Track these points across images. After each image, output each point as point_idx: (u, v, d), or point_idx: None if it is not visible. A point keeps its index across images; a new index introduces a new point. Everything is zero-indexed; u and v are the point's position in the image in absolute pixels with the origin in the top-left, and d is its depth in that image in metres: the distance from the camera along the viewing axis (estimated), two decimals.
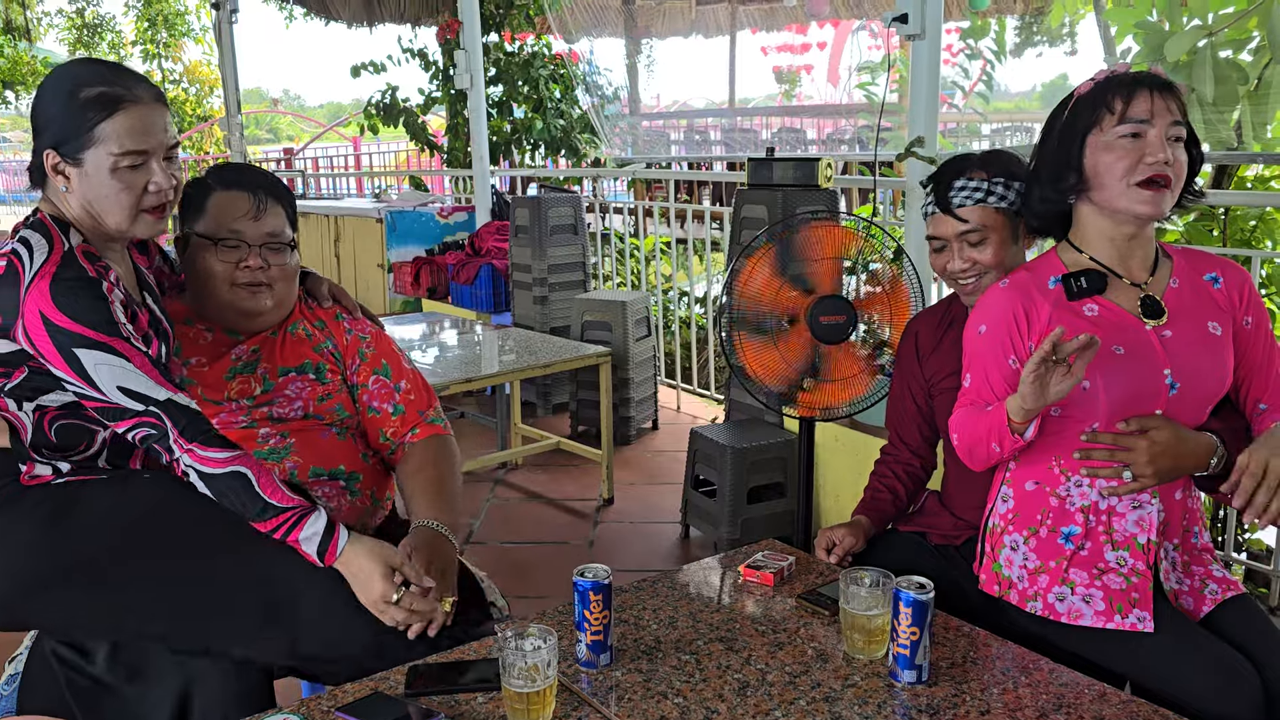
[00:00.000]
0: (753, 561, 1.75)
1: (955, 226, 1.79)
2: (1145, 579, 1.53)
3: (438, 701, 1.35)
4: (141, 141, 1.51)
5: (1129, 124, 1.50)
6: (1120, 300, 1.58)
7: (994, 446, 1.56)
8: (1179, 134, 1.51)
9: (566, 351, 3.77)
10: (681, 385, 5.34)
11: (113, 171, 1.49)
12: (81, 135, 1.48)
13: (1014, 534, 1.62)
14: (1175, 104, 1.51)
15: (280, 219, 1.79)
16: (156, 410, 1.48)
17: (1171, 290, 1.60)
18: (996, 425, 1.54)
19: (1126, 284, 1.59)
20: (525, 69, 7.56)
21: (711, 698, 1.35)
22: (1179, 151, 1.51)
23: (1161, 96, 1.50)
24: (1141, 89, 1.50)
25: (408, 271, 5.97)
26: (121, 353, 1.47)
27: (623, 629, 1.55)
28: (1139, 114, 1.50)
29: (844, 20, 13.12)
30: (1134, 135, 1.49)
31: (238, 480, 1.49)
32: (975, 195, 1.77)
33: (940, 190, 1.80)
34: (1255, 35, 3.25)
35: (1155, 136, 1.49)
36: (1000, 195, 1.77)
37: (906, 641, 1.36)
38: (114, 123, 1.48)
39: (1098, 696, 1.35)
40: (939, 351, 1.89)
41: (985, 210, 1.77)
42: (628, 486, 4.04)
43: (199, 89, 16.64)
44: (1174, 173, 1.50)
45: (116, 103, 1.49)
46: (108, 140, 1.48)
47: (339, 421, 1.80)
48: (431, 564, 1.60)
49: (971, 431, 1.61)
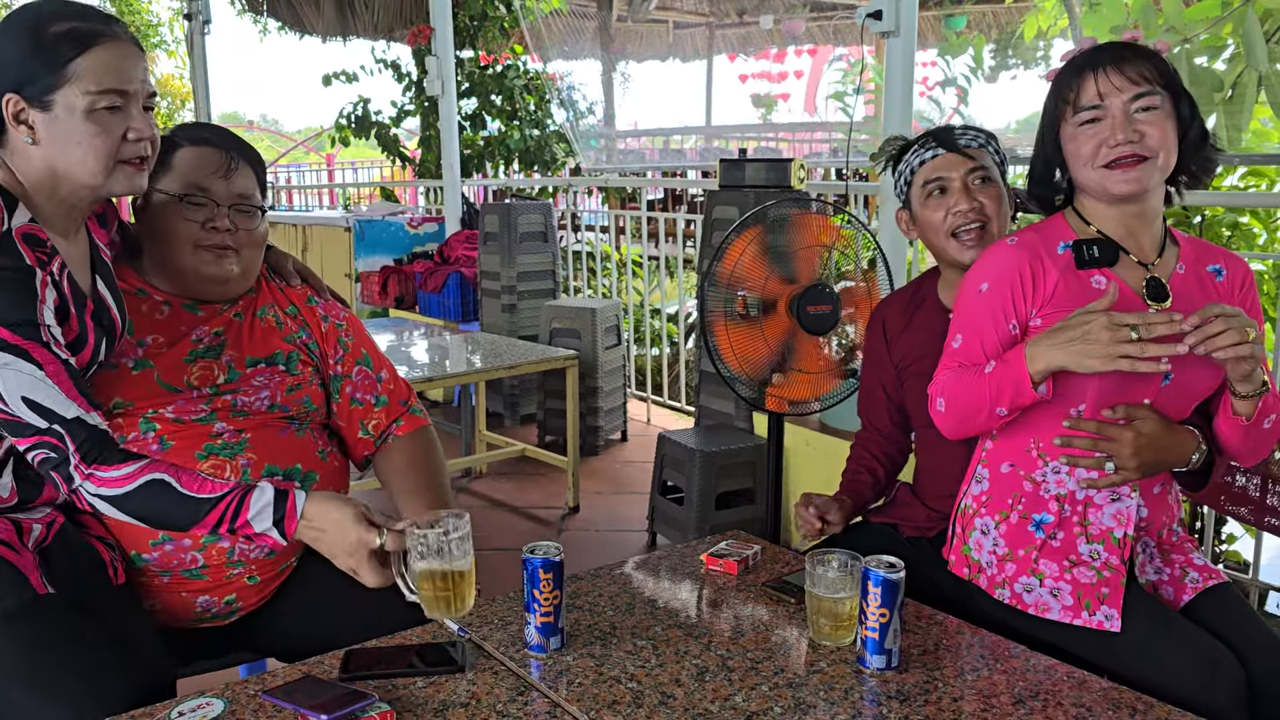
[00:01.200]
0: (716, 550, 1.67)
1: (964, 164, 1.74)
2: (1118, 574, 1.45)
3: (373, 685, 1.25)
4: (121, 80, 1.36)
5: (1083, 111, 1.45)
6: (1127, 277, 1.50)
7: (999, 409, 1.47)
8: (1146, 104, 1.43)
9: (533, 354, 3.69)
10: (652, 398, 5.26)
11: (88, 113, 1.34)
12: (51, 74, 1.32)
13: (985, 517, 1.55)
14: (1138, 72, 1.43)
15: (251, 181, 1.66)
16: (60, 430, 1.33)
17: (1177, 275, 1.52)
18: (1008, 382, 1.43)
19: (1134, 261, 1.51)
20: (499, 80, 7.50)
21: (668, 683, 1.26)
22: (1151, 122, 1.43)
23: (1116, 71, 1.43)
24: (1088, 72, 1.44)
25: (375, 281, 5.87)
26: (36, 359, 1.32)
27: (577, 615, 1.46)
28: (1089, 100, 1.45)
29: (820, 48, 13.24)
30: (1093, 120, 1.45)
31: (155, 489, 1.36)
32: (979, 139, 1.77)
33: (945, 134, 1.77)
34: (1230, 44, 3.25)
35: (1114, 116, 1.43)
36: (995, 148, 1.78)
37: (875, 624, 1.28)
38: (90, 58, 1.33)
39: (1077, 684, 1.27)
40: (909, 331, 1.82)
41: (986, 154, 1.77)
42: (594, 495, 3.95)
43: (171, 102, 16.46)
44: (1146, 148, 1.43)
45: (93, 38, 1.34)
46: (83, 78, 1.33)
47: (303, 414, 1.69)
48: None
49: (966, 394, 1.50)
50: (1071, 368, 1.38)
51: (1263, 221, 3.38)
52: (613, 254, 5.59)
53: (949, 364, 1.57)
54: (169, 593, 1.58)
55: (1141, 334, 1.33)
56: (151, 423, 1.56)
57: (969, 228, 1.73)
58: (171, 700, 1.23)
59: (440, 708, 1.21)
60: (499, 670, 1.30)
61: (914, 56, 3.05)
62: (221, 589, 1.59)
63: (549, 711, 1.21)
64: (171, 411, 1.57)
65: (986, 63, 7.04)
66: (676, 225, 5.11)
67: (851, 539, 1.79)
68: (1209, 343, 1.34)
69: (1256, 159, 3.09)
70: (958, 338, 1.57)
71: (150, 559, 1.55)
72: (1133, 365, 1.33)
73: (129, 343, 1.58)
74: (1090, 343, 1.35)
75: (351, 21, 9.33)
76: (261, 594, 1.64)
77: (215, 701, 1.22)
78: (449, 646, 1.35)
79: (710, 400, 3.67)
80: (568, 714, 1.20)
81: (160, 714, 1.19)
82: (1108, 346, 1.33)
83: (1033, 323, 1.51)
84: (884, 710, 1.21)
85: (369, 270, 6.01)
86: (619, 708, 1.20)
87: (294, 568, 1.68)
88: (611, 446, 4.64)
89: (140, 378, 1.57)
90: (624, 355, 4.77)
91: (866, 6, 2.92)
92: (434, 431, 1.85)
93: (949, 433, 1.57)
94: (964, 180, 1.73)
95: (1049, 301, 1.49)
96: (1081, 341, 1.36)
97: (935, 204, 1.76)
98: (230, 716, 1.19)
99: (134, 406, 1.56)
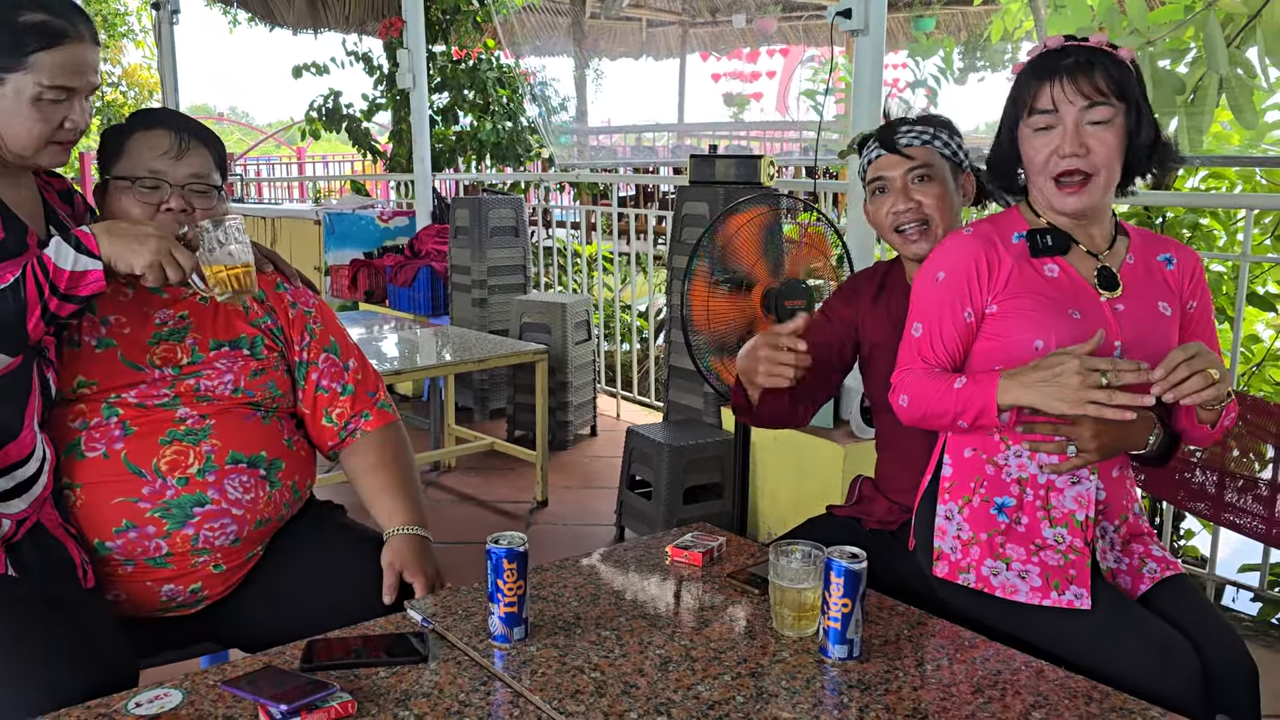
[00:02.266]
0: (681, 542, 1.67)
1: (902, 164, 1.77)
2: (1083, 556, 1.48)
3: (335, 676, 1.25)
4: (73, 79, 1.44)
5: (1038, 116, 1.48)
6: (1079, 266, 1.55)
7: (960, 423, 1.50)
8: (1097, 118, 1.45)
9: (503, 349, 3.68)
10: (622, 393, 5.27)
11: (35, 101, 1.41)
12: (11, 59, 1.40)
13: (949, 503, 1.57)
14: (1093, 85, 1.44)
15: (206, 161, 1.64)
16: None
17: (1127, 265, 1.58)
18: (974, 405, 1.47)
19: (1084, 251, 1.57)
20: (471, 74, 7.46)
21: (631, 672, 1.27)
22: (1098, 137, 1.46)
23: (1071, 81, 1.44)
24: (1045, 79, 1.46)
25: (345, 274, 5.83)
26: None
27: (541, 605, 1.46)
28: (1043, 106, 1.47)
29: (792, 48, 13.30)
30: (1045, 126, 1.48)
31: None
32: (922, 136, 1.77)
33: (885, 134, 1.79)
34: (1192, 47, 3.30)
35: (1066, 127, 1.46)
36: (944, 142, 1.77)
37: (838, 614, 1.29)
38: (51, 55, 1.41)
39: (1034, 673, 1.29)
40: (875, 312, 1.83)
41: (931, 151, 1.77)
42: (563, 490, 3.94)
43: (138, 93, 16.23)
44: (1090, 163, 1.46)
45: (60, 36, 1.41)
46: (40, 71, 1.40)
47: (268, 399, 1.67)
48: (424, 571, 1.62)
49: (932, 402, 1.53)
50: (1040, 408, 1.41)
51: (1223, 223, 3.44)
52: (584, 250, 5.59)
53: (911, 357, 1.60)
54: (133, 582, 1.56)
55: (1110, 380, 1.35)
56: (114, 408, 1.54)
57: (908, 226, 1.77)
58: (129, 691, 1.22)
59: (403, 698, 1.20)
60: (462, 660, 1.30)
61: (883, 55, 3.07)
62: (186, 578, 1.58)
63: (512, 701, 1.21)
64: (134, 396, 1.56)
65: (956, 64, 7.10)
66: (647, 222, 5.11)
67: (814, 531, 1.81)
68: (1176, 390, 1.37)
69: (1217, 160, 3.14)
70: (917, 326, 1.60)
71: (114, 547, 1.53)
72: (1099, 411, 1.36)
73: (91, 320, 1.57)
74: (1061, 386, 1.38)
75: (323, 14, 9.25)
76: (227, 583, 1.63)
77: (173, 692, 1.21)
78: (412, 637, 1.34)
79: (679, 395, 3.68)
80: (530, 704, 1.20)
81: (117, 704, 1.18)
82: (1078, 391, 1.36)
83: (989, 310, 1.55)
84: (844, 699, 1.22)
85: (339, 264, 5.96)
86: (582, 697, 1.20)
87: (260, 557, 1.67)
88: (581, 441, 4.64)
89: (103, 356, 1.56)
90: (594, 351, 4.77)
91: (836, 5, 2.93)
92: (403, 427, 1.85)
93: (908, 424, 1.60)
94: (903, 180, 1.77)
95: (1004, 289, 1.53)
96: (1053, 384, 1.39)
97: (878, 202, 1.81)
98: (189, 707, 1.18)
99: (98, 387, 1.55)
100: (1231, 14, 3.28)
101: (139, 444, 1.54)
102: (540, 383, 3.71)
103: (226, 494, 1.58)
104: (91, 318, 1.57)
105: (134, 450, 1.54)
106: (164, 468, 1.55)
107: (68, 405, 1.55)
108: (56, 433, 1.53)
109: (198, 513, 1.55)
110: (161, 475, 1.54)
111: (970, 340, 1.57)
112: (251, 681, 1.21)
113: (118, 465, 1.53)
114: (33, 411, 1.46)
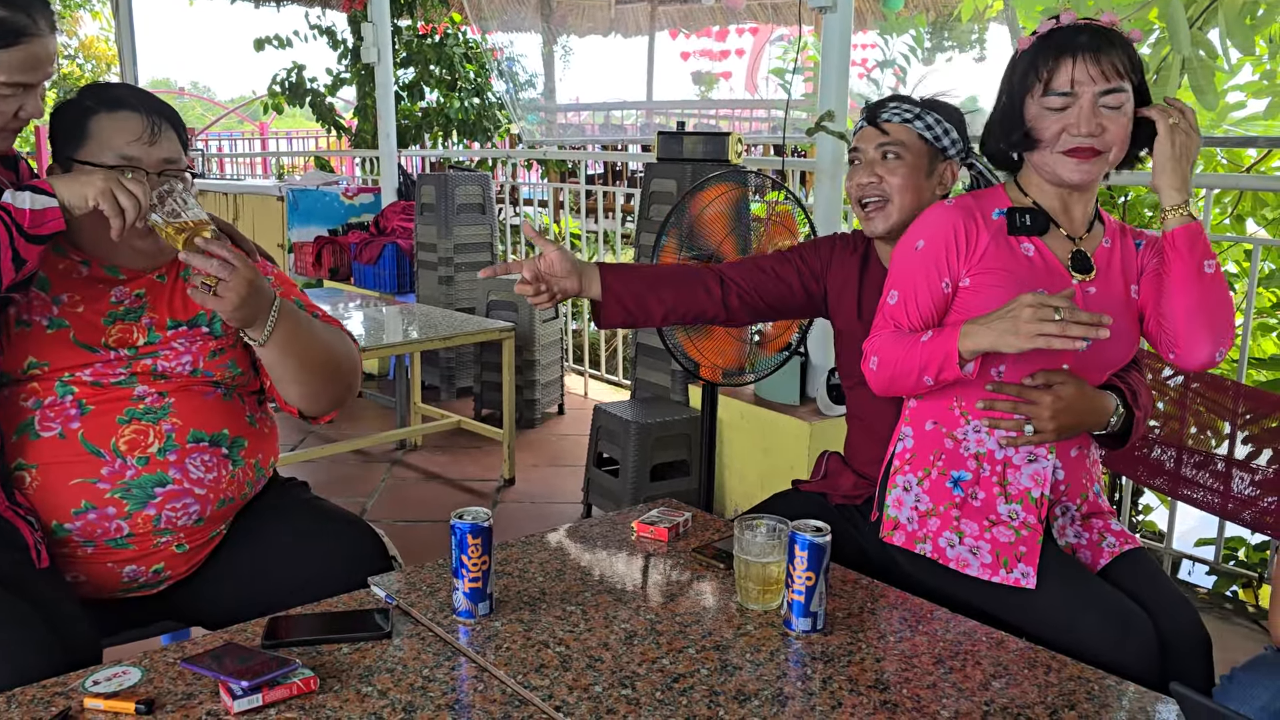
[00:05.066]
0: (647, 517, 1.68)
1: (877, 138, 1.77)
2: (1035, 533, 1.50)
3: (297, 653, 1.24)
4: (30, 75, 1.44)
5: (1053, 95, 1.48)
6: (1054, 248, 1.57)
7: (925, 379, 1.50)
8: (1111, 102, 1.46)
9: (469, 326, 3.66)
10: (590, 371, 5.26)
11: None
12: None
13: (908, 474, 1.58)
14: (1111, 66, 1.46)
15: (175, 143, 1.61)
16: None
17: (1103, 249, 1.59)
18: (937, 355, 1.47)
19: (1063, 234, 1.58)
20: (438, 49, 7.38)
21: (596, 646, 1.27)
22: (1112, 119, 1.47)
23: (1093, 61, 1.45)
24: (1066, 58, 1.47)
25: (309, 251, 5.76)
26: None
27: (506, 581, 1.45)
28: (1061, 86, 1.47)
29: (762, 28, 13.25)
30: (1061, 107, 1.48)
31: None
32: (905, 114, 1.77)
33: (873, 107, 1.79)
34: (1155, 28, 3.32)
35: (1082, 107, 1.46)
36: (928, 125, 1.76)
37: (802, 587, 1.30)
38: (9, 54, 1.40)
39: (995, 644, 1.31)
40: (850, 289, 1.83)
41: (909, 131, 1.76)
42: (530, 468, 3.94)
43: (95, 66, 15.90)
44: (1104, 142, 1.47)
45: (17, 35, 1.40)
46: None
47: (228, 379, 1.64)
48: None
49: (899, 360, 1.53)
50: (997, 348, 1.42)
51: None
52: (552, 227, 5.56)
53: (885, 323, 1.60)
54: (94, 563, 1.54)
55: (1065, 316, 1.36)
56: (69, 386, 1.51)
57: (868, 200, 1.77)
58: (86, 669, 1.20)
59: (366, 674, 1.20)
60: (426, 636, 1.29)
61: (850, 33, 3.07)
62: (149, 558, 1.56)
63: (476, 676, 1.20)
64: (89, 374, 1.53)
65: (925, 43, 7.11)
66: (616, 200, 5.09)
67: (780, 506, 1.81)
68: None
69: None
70: (893, 294, 1.60)
71: (73, 529, 1.50)
72: (1048, 343, 1.37)
73: (43, 299, 1.53)
74: (1014, 320, 1.39)
75: None
76: (190, 562, 1.61)
77: (132, 670, 1.19)
78: (375, 613, 1.33)
79: (646, 373, 3.68)
80: (495, 678, 1.20)
81: (74, 683, 1.16)
82: (1028, 324, 1.37)
83: (962, 283, 1.55)
84: (808, 671, 1.23)
85: (303, 241, 5.89)
86: (546, 671, 1.20)
87: (224, 536, 1.65)
88: (548, 420, 4.63)
89: (55, 337, 1.53)
90: (562, 329, 4.75)
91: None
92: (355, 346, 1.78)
93: (878, 390, 1.60)
94: (875, 154, 1.77)
95: (979, 263, 1.54)
96: (1007, 319, 1.40)
97: (850, 172, 1.83)
98: (147, 685, 1.16)
99: (49, 368, 1.51)
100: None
101: (96, 423, 1.51)
102: (507, 361, 3.70)
103: (188, 473, 1.56)
104: (43, 296, 1.53)
105: (91, 430, 1.51)
106: (123, 447, 1.52)
107: (19, 384, 1.52)
108: (6, 412, 1.50)
109: (159, 493, 1.53)
110: (121, 455, 1.52)
111: (945, 310, 1.57)
112: (213, 658, 1.20)
113: (74, 445, 1.50)
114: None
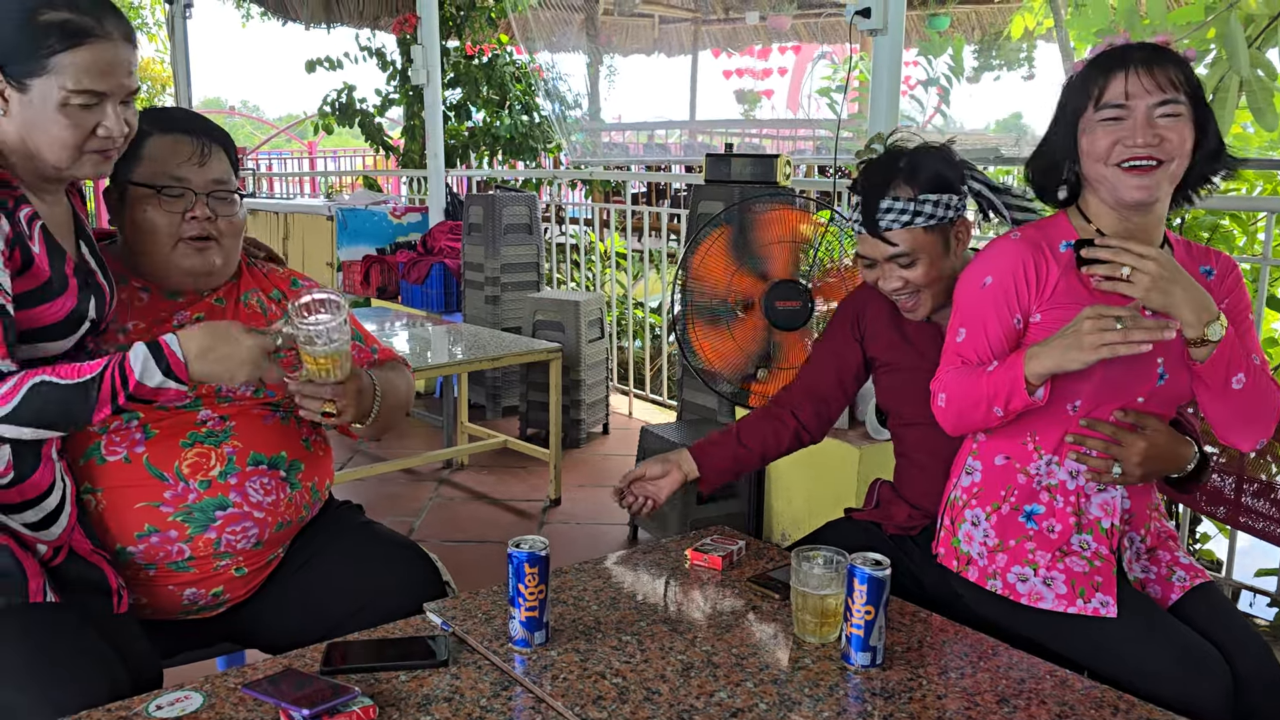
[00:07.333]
0: (700, 545, 1.67)
1: (884, 250, 1.69)
2: (1109, 563, 1.47)
3: (355, 679, 1.25)
4: (100, 82, 1.35)
5: (1106, 109, 1.44)
6: None
7: (995, 409, 1.47)
8: (1169, 111, 1.42)
9: (516, 346, 3.67)
10: (634, 391, 5.26)
11: (61, 107, 1.33)
12: (33, 61, 1.31)
13: (976, 509, 1.56)
14: (1167, 78, 1.42)
15: (225, 165, 1.64)
16: None
17: None
18: (1004, 384, 1.44)
19: None
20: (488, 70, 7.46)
21: (653, 678, 1.26)
22: (1171, 126, 1.42)
23: (1146, 73, 1.42)
24: (1118, 71, 1.43)
25: (357, 270, 5.83)
26: None
27: (561, 609, 1.45)
28: (1114, 98, 1.43)
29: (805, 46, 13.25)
30: (1115, 119, 1.43)
31: (40, 390, 1.30)
32: (902, 218, 1.65)
33: (866, 210, 1.69)
34: (1212, 48, 3.27)
35: (1137, 119, 1.42)
36: (929, 215, 1.65)
37: (861, 621, 1.28)
38: (74, 56, 1.32)
39: (1059, 682, 1.28)
40: (889, 329, 1.80)
41: (914, 232, 1.66)
42: (576, 488, 3.94)
43: (151, 87, 16.26)
44: (1164, 152, 1.41)
45: (82, 35, 1.33)
46: (63, 73, 1.32)
47: (287, 399, 1.66)
48: None
49: (967, 393, 1.50)
50: (1063, 366, 1.38)
51: (1242, 225, 3.41)
52: (597, 246, 5.58)
53: (951, 359, 1.57)
54: (155, 586, 1.56)
55: (1127, 324, 1.33)
56: (134, 411, 1.54)
57: (900, 297, 1.73)
58: (149, 693, 1.21)
59: (423, 702, 1.20)
60: (482, 664, 1.29)
61: (901, 55, 3.05)
62: (208, 581, 1.58)
63: (533, 707, 1.20)
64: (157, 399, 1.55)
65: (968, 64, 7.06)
66: (660, 219, 5.10)
67: (833, 535, 1.80)
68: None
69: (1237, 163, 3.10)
70: (960, 332, 1.56)
71: (135, 552, 1.52)
72: (1113, 351, 1.34)
73: (110, 330, 1.55)
74: (1076, 335, 1.36)
75: (336, 9, 9.24)
76: (249, 586, 1.63)
77: (194, 695, 1.20)
78: (431, 640, 1.34)
79: (693, 395, 3.67)
80: (553, 709, 1.19)
81: (138, 707, 1.18)
82: (1090, 336, 1.34)
83: (1033, 319, 1.51)
84: (868, 707, 1.21)
85: (351, 259, 5.96)
86: (604, 703, 1.20)
87: (281, 559, 1.67)
88: (593, 439, 4.63)
89: None
90: (607, 349, 4.76)
91: (854, 4, 2.91)
92: (409, 373, 1.83)
93: (949, 428, 1.57)
94: (886, 262, 1.71)
95: (1050, 298, 1.49)
96: (1070, 337, 1.37)
97: (866, 273, 1.76)
98: (209, 710, 1.17)
99: None
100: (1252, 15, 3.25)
101: (160, 447, 1.53)
102: (554, 381, 3.71)
103: (248, 496, 1.57)
104: (110, 328, 1.56)
105: (155, 454, 1.53)
106: (186, 471, 1.54)
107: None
108: (74, 438, 1.52)
109: (220, 516, 1.55)
110: (184, 478, 1.54)
111: (1016, 345, 1.52)
112: (273, 684, 1.21)
113: (139, 469, 1.53)
114: (51, 442, 1.44)
